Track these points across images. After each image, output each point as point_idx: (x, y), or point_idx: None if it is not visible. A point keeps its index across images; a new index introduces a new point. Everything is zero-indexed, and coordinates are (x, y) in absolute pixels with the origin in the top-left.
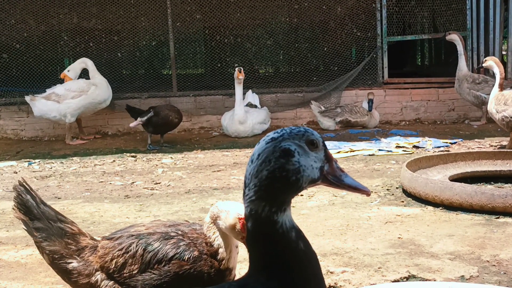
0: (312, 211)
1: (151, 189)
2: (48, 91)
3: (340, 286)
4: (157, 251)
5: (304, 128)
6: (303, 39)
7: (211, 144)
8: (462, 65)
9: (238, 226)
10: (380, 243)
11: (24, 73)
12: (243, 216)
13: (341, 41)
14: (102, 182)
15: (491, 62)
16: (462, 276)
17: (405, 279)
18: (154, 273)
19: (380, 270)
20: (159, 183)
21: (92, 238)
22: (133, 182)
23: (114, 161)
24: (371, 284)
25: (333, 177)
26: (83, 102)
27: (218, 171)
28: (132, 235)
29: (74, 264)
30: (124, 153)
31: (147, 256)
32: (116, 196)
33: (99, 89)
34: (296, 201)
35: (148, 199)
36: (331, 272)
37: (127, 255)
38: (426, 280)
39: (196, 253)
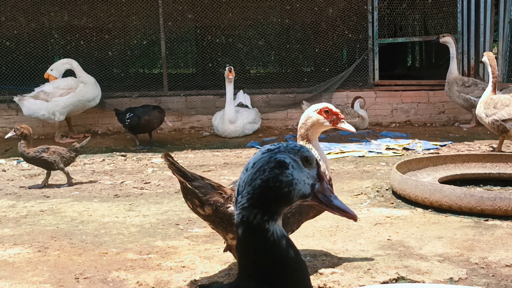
0: None
1: (140, 189)
2: (37, 89)
3: (329, 287)
4: None
5: (300, 145)
6: (294, 40)
7: (201, 144)
8: (453, 68)
9: (320, 116)
10: (370, 244)
11: (14, 71)
12: (319, 108)
13: (332, 42)
14: (91, 181)
15: (486, 59)
16: (451, 278)
17: (394, 281)
18: None
19: (369, 271)
20: (149, 182)
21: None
22: (122, 182)
23: (103, 160)
24: (360, 286)
25: (323, 196)
26: (71, 100)
27: (208, 171)
28: None
29: (231, 208)
30: (114, 152)
31: None
32: (105, 195)
33: (87, 87)
34: None
35: (137, 198)
36: (320, 273)
37: None
38: (415, 282)
39: None
